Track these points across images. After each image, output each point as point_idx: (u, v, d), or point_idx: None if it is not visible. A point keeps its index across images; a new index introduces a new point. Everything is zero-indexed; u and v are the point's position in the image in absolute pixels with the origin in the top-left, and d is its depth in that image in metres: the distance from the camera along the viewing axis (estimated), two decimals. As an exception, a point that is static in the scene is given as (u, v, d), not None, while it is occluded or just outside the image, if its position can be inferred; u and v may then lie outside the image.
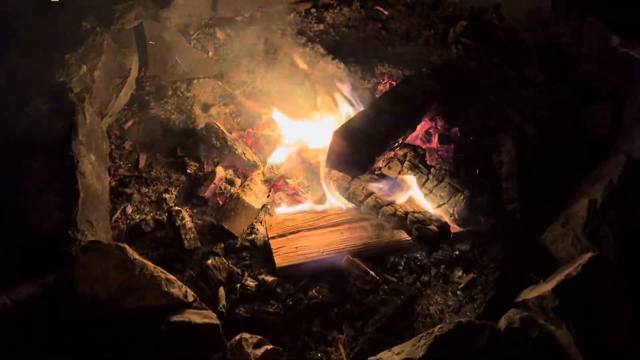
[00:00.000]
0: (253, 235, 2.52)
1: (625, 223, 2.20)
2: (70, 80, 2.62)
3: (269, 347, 2.03)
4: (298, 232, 2.45)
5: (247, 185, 2.59)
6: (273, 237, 2.42)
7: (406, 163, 2.61)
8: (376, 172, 2.64)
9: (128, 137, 2.85)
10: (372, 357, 1.97)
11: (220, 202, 2.60)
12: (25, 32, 2.67)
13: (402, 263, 2.42)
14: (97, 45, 2.79)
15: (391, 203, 2.35)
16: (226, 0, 3.35)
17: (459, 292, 2.35)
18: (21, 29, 2.68)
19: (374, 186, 2.47)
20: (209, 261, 2.36)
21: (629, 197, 2.24)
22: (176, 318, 1.92)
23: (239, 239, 2.49)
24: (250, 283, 2.31)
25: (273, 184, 2.67)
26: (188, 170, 2.74)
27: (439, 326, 1.97)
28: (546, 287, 2.07)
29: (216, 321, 1.96)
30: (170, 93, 3.07)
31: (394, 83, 3.09)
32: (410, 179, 2.55)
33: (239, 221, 2.49)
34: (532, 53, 3.16)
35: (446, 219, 2.43)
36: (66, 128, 2.41)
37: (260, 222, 2.57)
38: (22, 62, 2.56)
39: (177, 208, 2.55)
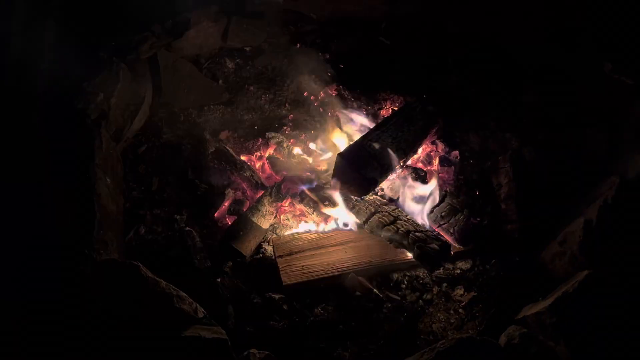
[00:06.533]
0: (261, 255, 2.57)
1: (618, 241, 2.24)
2: (88, 107, 2.69)
3: (276, 362, 2.07)
4: (304, 251, 2.50)
5: (255, 206, 2.64)
6: (280, 256, 2.48)
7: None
8: (379, 193, 2.70)
9: (142, 161, 2.92)
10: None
11: (230, 223, 2.65)
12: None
13: (405, 281, 2.47)
14: (114, 74, 2.88)
15: (393, 222, 2.40)
16: (235, 32, 3.45)
17: (460, 310, 2.37)
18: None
19: (377, 206, 2.54)
20: (219, 279, 2.40)
21: (622, 217, 2.29)
22: (187, 333, 1.94)
23: (247, 258, 2.53)
24: (258, 300, 2.36)
25: (280, 205, 2.73)
26: (199, 193, 2.79)
27: (440, 342, 1.99)
28: (544, 304, 2.09)
29: (225, 337, 1.98)
30: (182, 119, 3.14)
31: (395, 108, 3.17)
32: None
33: (247, 241, 2.54)
34: (529, 78, 3.26)
35: (447, 238, 2.49)
36: (83, 152, 2.48)
37: (268, 242, 2.62)
38: (45, 89, 2.68)
39: (188, 229, 2.59)
